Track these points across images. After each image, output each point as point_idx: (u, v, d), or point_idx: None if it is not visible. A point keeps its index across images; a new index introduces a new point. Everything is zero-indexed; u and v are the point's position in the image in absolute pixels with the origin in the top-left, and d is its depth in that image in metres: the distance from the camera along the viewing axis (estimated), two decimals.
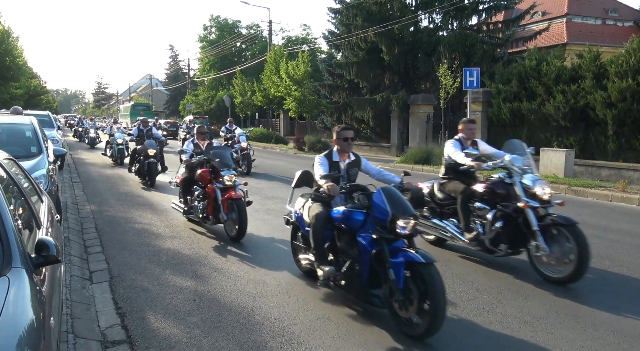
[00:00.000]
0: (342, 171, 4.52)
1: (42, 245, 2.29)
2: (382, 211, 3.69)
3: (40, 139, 6.79)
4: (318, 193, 4.44)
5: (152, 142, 11.36)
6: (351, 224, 3.97)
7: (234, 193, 6.31)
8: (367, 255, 3.75)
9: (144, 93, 77.24)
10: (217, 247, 6.08)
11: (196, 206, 6.84)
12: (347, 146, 4.56)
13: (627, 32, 27.62)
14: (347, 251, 4.05)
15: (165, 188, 10.22)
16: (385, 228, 3.67)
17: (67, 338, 3.40)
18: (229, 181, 6.42)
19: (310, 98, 24.59)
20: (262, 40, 43.33)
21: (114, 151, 15.64)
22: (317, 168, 4.41)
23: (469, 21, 20.96)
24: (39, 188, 4.15)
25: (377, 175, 4.66)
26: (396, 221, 3.61)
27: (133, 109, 50.08)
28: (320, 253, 4.17)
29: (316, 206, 4.36)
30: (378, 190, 3.87)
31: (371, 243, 3.71)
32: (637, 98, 12.08)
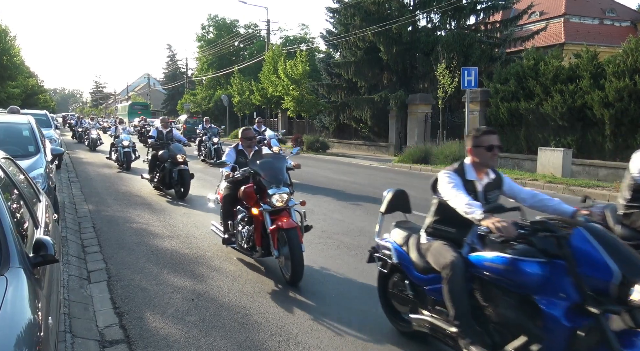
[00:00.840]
0: (479, 195, 3.07)
1: (40, 245, 2.30)
2: (600, 266, 2.30)
3: (37, 139, 6.78)
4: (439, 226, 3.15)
5: (179, 147, 9.67)
6: (521, 282, 2.53)
7: (285, 221, 4.65)
8: (561, 335, 2.32)
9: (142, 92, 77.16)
10: (215, 246, 6.07)
11: (240, 232, 5.21)
12: (492, 159, 3.07)
13: (624, 32, 27.69)
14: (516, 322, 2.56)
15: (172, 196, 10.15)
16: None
17: (65, 338, 3.40)
18: (280, 201, 4.80)
19: (308, 98, 24.59)
20: (260, 39, 43.34)
21: (120, 155, 14.18)
22: (452, 192, 2.90)
23: (467, 21, 21.01)
24: (37, 188, 4.14)
25: (531, 200, 3.13)
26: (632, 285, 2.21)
27: (131, 108, 50.05)
28: (465, 321, 2.76)
29: (443, 247, 2.98)
30: (578, 231, 2.43)
31: (568, 314, 2.34)
32: (634, 98, 12.12)
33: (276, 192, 4.78)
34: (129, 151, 14.05)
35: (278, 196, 4.77)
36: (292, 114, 26.40)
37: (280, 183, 4.86)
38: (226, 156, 5.63)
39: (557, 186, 10.99)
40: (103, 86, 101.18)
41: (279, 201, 4.77)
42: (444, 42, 19.15)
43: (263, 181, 4.88)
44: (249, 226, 5.06)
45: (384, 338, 3.57)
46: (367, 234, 6.70)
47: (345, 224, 7.34)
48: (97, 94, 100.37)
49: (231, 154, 5.63)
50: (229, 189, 5.39)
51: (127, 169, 13.78)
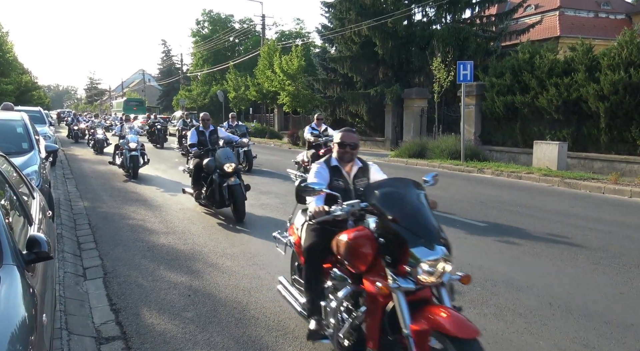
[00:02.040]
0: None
1: (34, 242, 2.28)
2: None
3: (31, 135, 6.73)
4: None
5: (227, 153, 7.16)
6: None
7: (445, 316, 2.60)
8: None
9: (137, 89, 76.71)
10: (211, 242, 6.06)
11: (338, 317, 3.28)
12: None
13: (619, 24, 27.72)
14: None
15: None
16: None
17: (61, 335, 3.39)
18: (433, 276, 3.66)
19: (304, 93, 24.52)
20: (256, 34, 43.12)
21: (125, 159, 11.67)
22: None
23: (462, 14, 20.94)
24: (31, 185, 4.11)
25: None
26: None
27: (126, 104, 49.77)
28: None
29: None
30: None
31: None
32: (629, 91, 12.14)
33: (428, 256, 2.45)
34: (136, 155, 11.52)
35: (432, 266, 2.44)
36: (288, 109, 26.34)
37: (434, 239, 2.53)
38: (315, 174, 3.32)
39: (553, 179, 11.03)
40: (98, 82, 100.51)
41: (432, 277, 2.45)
42: (439, 36, 19.10)
43: (398, 229, 2.54)
44: (356, 310, 2.83)
45: None
46: None
47: None
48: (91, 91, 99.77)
49: (322, 172, 3.32)
50: (316, 232, 3.17)
51: (134, 177, 11.38)
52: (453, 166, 13.74)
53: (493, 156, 15.10)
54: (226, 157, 6.97)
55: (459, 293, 4.34)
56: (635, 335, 3.53)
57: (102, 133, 18.39)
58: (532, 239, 6.11)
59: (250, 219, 7.25)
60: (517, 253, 5.58)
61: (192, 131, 7.99)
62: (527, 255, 5.50)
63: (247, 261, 5.28)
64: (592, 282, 4.66)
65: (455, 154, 14.59)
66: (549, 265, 5.15)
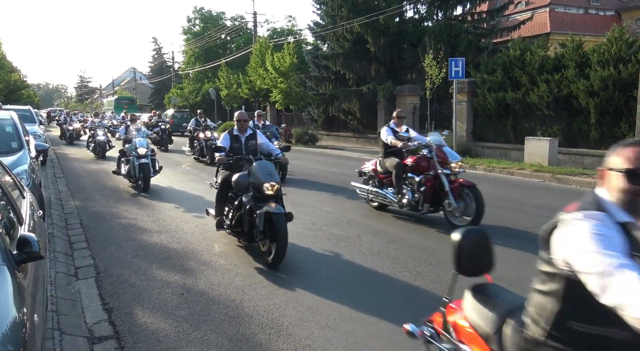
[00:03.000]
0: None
1: (24, 241, 2.26)
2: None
3: (20, 134, 6.67)
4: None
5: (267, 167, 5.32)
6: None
7: None
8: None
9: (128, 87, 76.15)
10: (204, 241, 6.05)
11: None
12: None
13: (608, 21, 27.93)
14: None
15: None
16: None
17: (53, 335, 3.37)
18: None
19: (296, 90, 24.47)
20: (247, 32, 42.92)
21: (133, 168, 9.51)
22: None
23: (453, 11, 21.00)
24: (20, 184, 4.08)
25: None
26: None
27: (117, 103, 49.39)
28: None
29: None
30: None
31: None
32: (618, 87, 12.26)
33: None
34: (146, 162, 9.34)
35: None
36: (280, 106, 26.28)
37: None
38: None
39: (544, 174, 11.12)
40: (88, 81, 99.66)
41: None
42: (431, 32, 19.14)
43: None
44: None
45: (376, 330, 3.59)
46: (356, 226, 6.73)
47: (335, 216, 7.35)
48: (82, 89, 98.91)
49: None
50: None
51: (144, 189, 9.29)
52: None
53: (485, 152, 15.18)
54: (267, 173, 5.07)
55: None
56: None
57: (104, 134, 15.92)
58: (523, 235, 6.16)
59: None
60: (508, 248, 5.62)
61: (224, 135, 6.08)
62: (518, 250, 5.54)
63: (240, 259, 5.28)
64: None
65: None
66: None
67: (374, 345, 3.37)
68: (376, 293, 4.31)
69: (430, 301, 3.95)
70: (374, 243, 5.85)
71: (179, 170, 13.18)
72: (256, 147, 6.05)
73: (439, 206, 6.58)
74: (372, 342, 3.41)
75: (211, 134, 14.30)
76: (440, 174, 6.40)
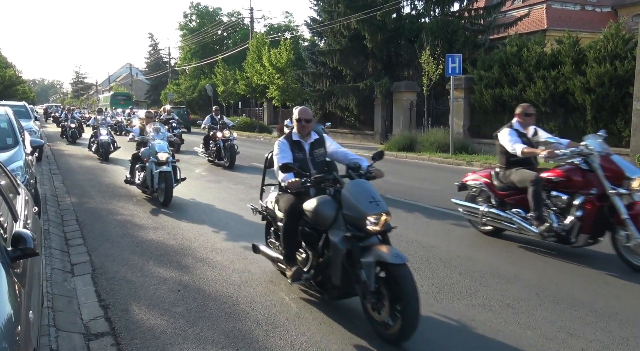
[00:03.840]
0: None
1: (19, 238, 2.25)
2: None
3: (16, 130, 6.63)
4: None
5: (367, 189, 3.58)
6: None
7: None
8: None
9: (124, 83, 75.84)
10: (201, 237, 6.04)
11: None
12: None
13: (605, 17, 27.95)
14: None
15: None
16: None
17: (49, 332, 3.36)
18: None
19: (293, 86, 24.40)
20: (244, 28, 42.80)
21: (151, 178, 8.09)
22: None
23: (450, 7, 20.96)
24: (15, 180, 4.06)
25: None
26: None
27: (113, 99, 49.20)
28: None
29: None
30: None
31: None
32: (614, 83, 12.27)
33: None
34: (168, 171, 7.87)
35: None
36: (277, 102, 26.21)
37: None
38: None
39: None
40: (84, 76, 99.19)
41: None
42: (428, 29, 19.11)
43: None
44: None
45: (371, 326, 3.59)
46: None
47: None
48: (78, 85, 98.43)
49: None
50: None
51: (165, 202, 7.85)
52: (442, 159, 13.82)
53: (482, 148, 15.20)
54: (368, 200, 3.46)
55: (447, 285, 4.37)
56: (619, 323, 3.60)
57: (108, 134, 14.29)
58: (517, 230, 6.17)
59: (240, 214, 7.23)
60: (505, 245, 5.64)
61: (280, 144, 4.17)
62: (514, 247, 5.56)
63: (237, 256, 5.27)
64: (578, 272, 4.73)
65: (445, 147, 14.67)
66: (536, 256, 5.22)
67: (369, 341, 3.38)
68: None
69: (425, 296, 3.97)
70: None
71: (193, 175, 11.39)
72: (324, 158, 4.32)
73: (600, 236, 5.00)
74: (368, 338, 3.41)
75: (230, 134, 12.74)
76: (613, 194, 4.67)
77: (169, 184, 7.80)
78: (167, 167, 7.87)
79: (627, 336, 3.41)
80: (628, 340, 3.36)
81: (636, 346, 3.29)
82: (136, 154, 8.82)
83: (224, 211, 7.49)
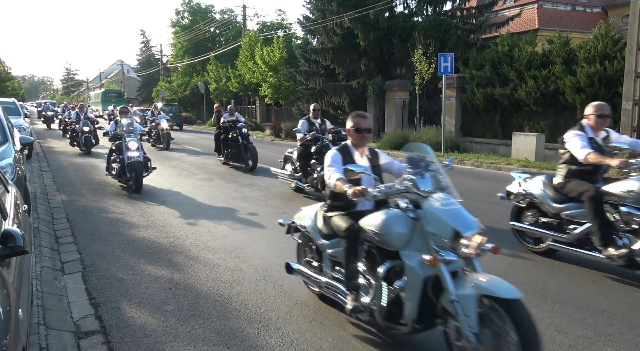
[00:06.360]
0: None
1: (8, 236, 2.24)
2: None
3: (5, 127, 6.57)
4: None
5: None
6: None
7: None
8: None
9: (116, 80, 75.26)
10: (193, 236, 6.03)
11: None
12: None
13: (595, 18, 28.21)
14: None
15: None
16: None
17: (39, 330, 3.34)
18: None
19: (286, 84, 24.38)
20: (237, 25, 42.60)
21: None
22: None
23: (443, 7, 21.02)
24: (5, 178, 4.02)
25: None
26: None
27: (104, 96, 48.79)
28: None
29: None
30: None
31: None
32: (604, 83, 12.41)
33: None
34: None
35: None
36: (270, 101, 26.19)
37: None
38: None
39: (531, 170, 11.23)
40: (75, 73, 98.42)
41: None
42: (420, 28, 19.16)
43: None
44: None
45: (363, 325, 3.62)
46: None
47: None
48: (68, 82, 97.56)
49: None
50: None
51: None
52: None
53: (473, 147, 15.30)
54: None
55: None
56: (606, 320, 3.65)
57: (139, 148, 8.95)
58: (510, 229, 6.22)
59: (232, 212, 7.22)
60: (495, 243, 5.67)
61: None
62: (504, 244, 5.60)
63: (228, 254, 5.27)
64: (567, 270, 4.78)
65: (436, 146, 14.72)
66: (525, 254, 5.27)
67: (361, 339, 3.40)
68: None
69: None
70: None
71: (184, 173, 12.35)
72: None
73: None
74: (360, 336, 3.44)
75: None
76: None
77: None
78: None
79: (614, 333, 3.47)
80: (614, 336, 3.42)
81: (622, 342, 3.35)
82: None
83: (215, 209, 7.48)
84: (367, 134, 3.64)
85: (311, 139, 8.43)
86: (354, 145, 3.67)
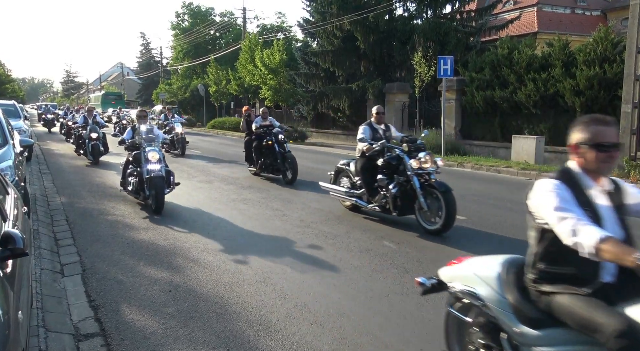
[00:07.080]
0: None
1: (8, 238, 2.23)
2: None
3: (5, 129, 6.57)
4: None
5: None
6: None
7: None
8: None
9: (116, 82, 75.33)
10: (192, 238, 6.02)
11: None
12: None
13: (594, 21, 28.27)
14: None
15: None
16: None
17: (38, 332, 3.33)
18: None
19: (286, 87, 24.41)
20: (237, 28, 42.72)
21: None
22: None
23: (443, 10, 21.10)
24: (4, 180, 4.02)
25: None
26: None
27: (104, 98, 48.92)
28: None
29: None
30: None
31: None
32: (603, 86, 12.42)
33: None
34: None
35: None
36: (269, 103, 26.21)
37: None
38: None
39: (530, 172, 11.25)
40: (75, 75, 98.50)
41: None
42: (420, 30, 19.21)
43: None
44: None
45: (363, 327, 3.61)
46: (345, 223, 6.74)
47: (324, 213, 7.36)
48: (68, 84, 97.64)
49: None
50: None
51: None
52: None
53: (473, 150, 15.31)
54: None
55: None
56: None
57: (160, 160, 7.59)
58: (511, 231, 6.23)
59: (232, 215, 7.22)
60: (496, 245, 5.69)
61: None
62: (505, 247, 5.60)
63: (228, 256, 5.26)
64: None
65: (436, 149, 14.72)
66: None
67: (361, 341, 3.39)
68: (364, 289, 4.33)
69: (418, 296, 3.99)
70: (362, 240, 5.88)
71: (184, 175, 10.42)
72: None
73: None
74: (360, 338, 3.43)
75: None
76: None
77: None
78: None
79: None
80: None
81: None
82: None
83: (215, 211, 7.47)
84: (615, 152, 2.18)
85: (380, 150, 6.71)
86: (589, 171, 2.21)
